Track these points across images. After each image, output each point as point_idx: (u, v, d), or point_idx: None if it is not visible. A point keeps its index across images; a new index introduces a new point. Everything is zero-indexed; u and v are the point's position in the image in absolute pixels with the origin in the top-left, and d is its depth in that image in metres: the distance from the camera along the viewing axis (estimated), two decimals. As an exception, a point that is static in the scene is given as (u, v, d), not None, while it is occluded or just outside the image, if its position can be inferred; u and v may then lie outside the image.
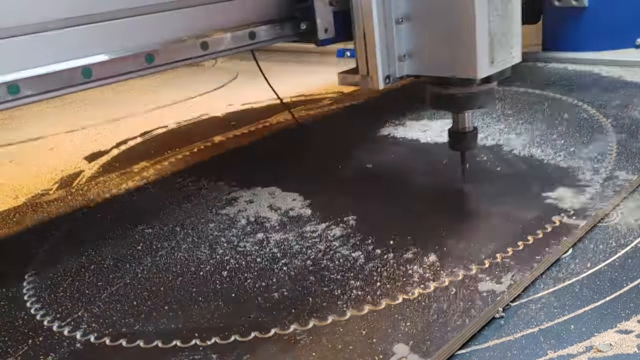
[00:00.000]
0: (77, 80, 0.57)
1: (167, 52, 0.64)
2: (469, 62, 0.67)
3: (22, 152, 1.23)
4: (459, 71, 0.68)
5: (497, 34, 0.67)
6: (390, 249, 0.65)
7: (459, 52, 0.67)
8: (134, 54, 0.61)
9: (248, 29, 0.74)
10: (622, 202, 0.73)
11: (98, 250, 0.73)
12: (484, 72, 0.67)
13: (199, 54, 0.68)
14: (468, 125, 0.77)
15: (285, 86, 1.56)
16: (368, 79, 0.71)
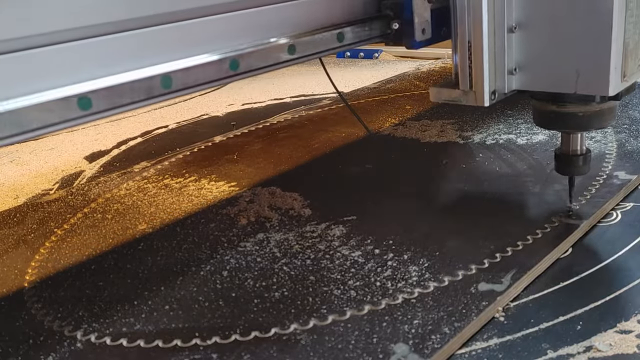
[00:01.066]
0: (156, 91, 0.47)
1: (252, 58, 0.55)
2: (599, 77, 0.57)
3: (22, 152, 1.23)
4: (583, 87, 0.58)
5: (629, 44, 0.57)
6: (390, 249, 0.65)
7: (586, 66, 0.57)
8: (218, 60, 0.51)
9: (336, 30, 0.63)
10: (622, 202, 0.73)
11: (98, 250, 0.73)
12: (615, 89, 0.58)
13: (286, 59, 0.59)
14: (581, 147, 0.68)
15: (285, 86, 1.56)
16: (470, 94, 0.61)
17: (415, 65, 1.60)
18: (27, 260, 0.72)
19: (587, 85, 0.58)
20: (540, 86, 0.61)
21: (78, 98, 0.43)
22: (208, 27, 0.51)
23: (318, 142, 1.04)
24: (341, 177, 0.87)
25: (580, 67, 0.58)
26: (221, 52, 0.51)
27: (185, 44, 0.49)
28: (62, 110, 0.42)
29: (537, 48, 0.60)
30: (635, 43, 0.58)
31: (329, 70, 1.70)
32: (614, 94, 0.58)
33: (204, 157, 1.03)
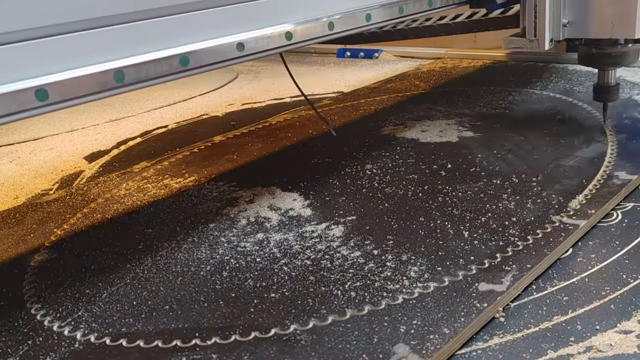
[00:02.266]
0: (110, 84, 0.51)
1: (202, 54, 0.57)
2: (628, 25, 0.84)
3: (22, 152, 1.23)
4: (616, 33, 0.85)
5: None
6: (389, 249, 0.65)
7: (619, 18, 0.84)
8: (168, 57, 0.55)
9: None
10: (622, 202, 0.73)
11: (98, 250, 0.73)
12: (639, 34, 0.84)
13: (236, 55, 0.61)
14: (613, 81, 0.92)
15: (285, 86, 1.56)
16: (535, 42, 0.87)
17: (416, 65, 1.60)
18: (27, 260, 0.72)
19: (619, 32, 0.85)
20: (585, 34, 0.88)
21: (35, 90, 0.47)
22: (159, 26, 0.55)
23: (318, 142, 1.04)
24: (341, 177, 0.87)
25: (614, 19, 0.85)
26: (171, 49, 0.55)
27: (137, 42, 0.54)
28: (21, 101, 0.47)
29: (583, 7, 0.86)
30: None
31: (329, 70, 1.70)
32: (639, 37, 0.85)
33: (204, 157, 1.03)
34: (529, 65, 1.44)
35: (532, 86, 1.24)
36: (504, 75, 1.37)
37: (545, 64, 1.43)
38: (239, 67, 1.89)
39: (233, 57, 0.60)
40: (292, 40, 0.67)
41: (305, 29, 0.68)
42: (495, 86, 1.29)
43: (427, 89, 1.32)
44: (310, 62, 1.86)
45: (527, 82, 1.28)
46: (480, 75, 1.39)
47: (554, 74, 1.32)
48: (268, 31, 0.64)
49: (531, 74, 1.35)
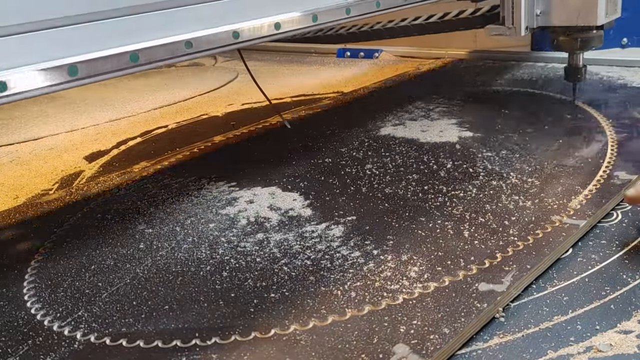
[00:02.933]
0: (64, 78, 0.57)
1: (151, 52, 0.64)
2: (592, 14, 0.99)
3: (22, 152, 1.23)
4: (581, 21, 1.00)
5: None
6: (389, 249, 0.65)
7: (585, 8, 1.00)
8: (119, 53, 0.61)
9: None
10: (622, 202, 0.73)
11: (98, 250, 0.73)
12: (602, 21, 0.99)
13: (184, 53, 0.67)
14: (581, 63, 1.07)
15: (286, 86, 1.56)
16: (512, 29, 1.04)
17: (416, 65, 1.60)
18: (27, 260, 0.72)
19: (584, 20, 1.01)
20: (555, 22, 1.04)
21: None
22: (111, 26, 0.61)
23: (318, 142, 1.04)
24: (341, 177, 0.87)
25: (580, 9, 1.00)
26: (122, 46, 0.61)
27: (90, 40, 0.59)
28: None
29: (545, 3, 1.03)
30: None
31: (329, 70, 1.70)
32: (601, 24, 1.00)
33: (204, 157, 1.03)
34: (529, 65, 1.44)
35: (534, 86, 1.24)
36: (504, 75, 1.37)
37: (545, 64, 1.43)
38: (239, 67, 1.89)
39: (182, 54, 0.66)
40: (240, 39, 0.72)
41: (252, 29, 0.74)
42: (495, 86, 1.29)
43: (427, 88, 1.32)
44: (310, 62, 1.86)
45: (529, 82, 1.28)
46: (481, 76, 1.39)
47: (553, 74, 1.32)
48: (217, 30, 0.69)
49: (532, 74, 1.35)
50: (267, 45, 2.23)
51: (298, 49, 2.08)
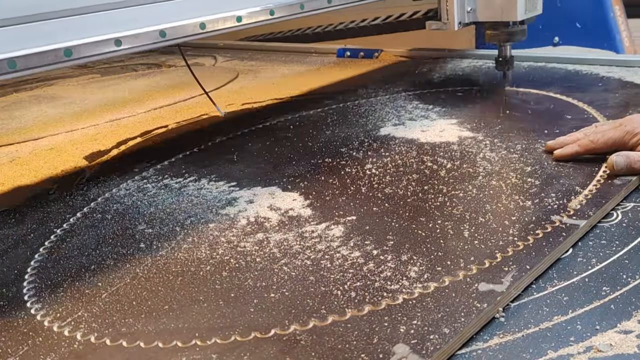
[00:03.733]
0: (4, 69, 0.66)
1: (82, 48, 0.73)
2: (513, 10, 1.15)
3: (22, 152, 1.23)
4: (505, 17, 1.17)
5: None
6: (389, 249, 0.65)
7: (507, 5, 1.16)
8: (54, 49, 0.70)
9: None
10: (622, 202, 0.73)
11: (98, 250, 0.73)
12: (522, 17, 1.16)
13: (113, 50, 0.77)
14: (509, 54, 1.24)
15: (286, 86, 1.56)
16: (448, 24, 1.21)
17: (416, 64, 1.60)
18: (27, 260, 0.72)
19: (507, 15, 1.17)
20: (484, 18, 1.21)
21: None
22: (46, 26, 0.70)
23: (318, 142, 1.04)
24: (341, 177, 0.87)
25: (503, 7, 1.17)
26: (57, 43, 0.70)
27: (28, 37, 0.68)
28: None
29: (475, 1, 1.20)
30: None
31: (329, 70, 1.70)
32: (522, 19, 1.17)
33: (204, 157, 1.03)
34: (530, 65, 1.44)
35: (535, 86, 1.24)
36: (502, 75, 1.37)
37: (545, 63, 1.43)
38: (239, 67, 1.89)
39: (111, 50, 0.76)
40: (166, 37, 0.82)
41: (177, 28, 0.83)
42: (495, 86, 1.29)
43: (427, 89, 1.32)
44: (310, 62, 1.86)
45: (530, 82, 1.29)
46: (481, 76, 1.39)
47: (553, 74, 1.32)
48: (142, 30, 0.78)
49: (534, 75, 1.35)
50: (267, 45, 2.23)
51: (298, 49, 2.08)
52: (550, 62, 1.43)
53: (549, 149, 0.86)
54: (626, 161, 0.76)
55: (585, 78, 1.27)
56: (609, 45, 1.53)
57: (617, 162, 0.76)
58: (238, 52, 2.20)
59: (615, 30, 1.53)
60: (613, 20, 1.53)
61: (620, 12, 1.55)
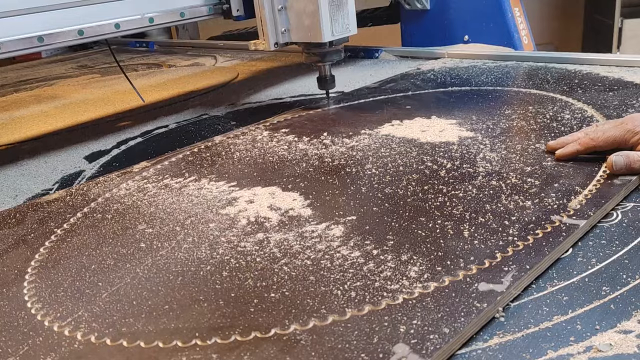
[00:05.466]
0: None
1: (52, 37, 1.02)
2: (318, 33, 1.15)
3: (22, 152, 1.23)
4: (312, 38, 1.17)
5: (335, 15, 1.16)
6: (389, 249, 0.65)
7: (313, 28, 1.15)
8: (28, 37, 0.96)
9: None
10: (622, 202, 0.73)
11: (98, 250, 0.73)
12: (328, 39, 1.16)
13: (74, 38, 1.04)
14: (328, 73, 1.27)
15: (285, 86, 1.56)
16: (265, 43, 1.20)
17: (416, 65, 1.60)
18: (27, 260, 0.72)
19: (314, 37, 1.17)
20: (296, 39, 1.21)
21: None
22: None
23: (318, 142, 1.04)
24: (341, 177, 0.87)
25: (311, 29, 1.16)
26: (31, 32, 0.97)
27: None
28: None
29: (292, 20, 1.19)
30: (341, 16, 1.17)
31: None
32: (328, 41, 1.17)
33: (204, 157, 1.03)
34: (530, 65, 1.44)
35: (535, 86, 1.24)
36: (503, 75, 1.38)
37: (545, 64, 1.43)
38: (239, 67, 1.89)
39: (74, 38, 1.03)
40: (120, 29, 1.12)
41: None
42: (495, 86, 1.29)
43: (427, 89, 1.32)
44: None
45: (530, 82, 1.29)
46: (482, 76, 1.39)
47: (553, 74, 1.32)
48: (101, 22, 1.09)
49: (534, 74, 1.35)
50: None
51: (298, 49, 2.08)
52: (550, 62, 1.43)
53: (550, 149, 0.86)
54: (625, 161, 0.76)
55: (585, 78, 1.27)
56: (508, 43, 1.68)
57: (616, 161, 0.76)
58: (238, 52, 2.20)
59: (513, 30, 1.68)
60: (512, 20, 1.68)
61: (520, 12, 1.70)
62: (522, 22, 1.69)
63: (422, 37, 1.82)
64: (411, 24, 1.86)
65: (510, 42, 1.67)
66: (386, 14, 1.97)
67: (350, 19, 1.18)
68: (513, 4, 1.69)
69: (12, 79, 2.16)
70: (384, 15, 1.98)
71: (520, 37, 1.68)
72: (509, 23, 1.68)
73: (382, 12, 1.99)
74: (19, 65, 2.49)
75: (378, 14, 2.00)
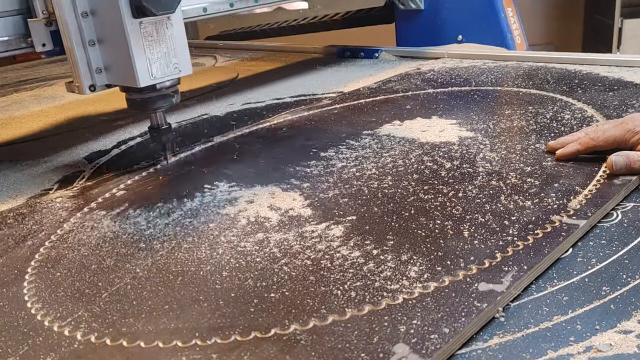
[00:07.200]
0: None
1: None
2: (132, 76, 0.88)
3: (22, 152, 1.23)
4: (127, 82, 0.90)
5: (154, 53, 0.89)
6: (389, 249, 0.65)
7: (126, 70, 0.88)
8: None
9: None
10: (622, 202, 0.73)
11: (98, 250, 0.73)
12: (146, 83, 0.89)
13: None
14: (160, 122, 0.98)
15: (285, 86, 1.56)
16: (80, 86, 0.91)
17: (416, 65, 1.60)
18: (27, 260, 0.72)
19: (129, 82, 0.90)
20: (116, 82, 0.92)
21: None
22: None
23: (318, 142, 1.04)
24: (341, 177, 0.87)
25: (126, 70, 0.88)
26: None
27: None
28: None
29: (107, 57, 0.91)
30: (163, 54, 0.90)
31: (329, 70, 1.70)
32: (144, 86, 0.89)
33: (204, 157, 1.03)
34: (530, 65, 1.44)
35: (535, 86, 1.24)
36: (503, 75, 1.38)
37: (545, 64, 1.43)
38: (239, 67, 1.89)
39: None
40: None
41: None
42: (495, 86, 1.29)
43: (427, 89, 1.32)
44: (310, 61, 1.86)
45: (530, 82, 1.29)
46: (482, 76, 1.39)
47: (553, 74, 1.32)
48: None
49: (534, 74, 1.35)
50: (267, 45, 2.23)
51: (298, 48, 2.08)
52: (550, 62, 1.43)
53: (551, 149, 0.86)
54: (625, 161, 0.76)
55: (585, 78, 1.27)
56: (501, 43, 1.68)
57: (616, 161, 0.76)
58: (238, 52, 2.20)
59: (506, 30, 1.68)
60: (504, 20, 1.68)
61: (513, 12, 1.70)
62: (515, 22, 1.71)
63: (416, 36, 1.82)
64: (405, 24, 1.87)
65: (503, 41, 1.68)
66: (381, 13, 1.98)
67: (180, 56, 0.92)
68: (506, 4, 1.70)
69: (12, 79, 2.16)
70: (378, 15, 1.99)
71: (513, 36, 1.69)
72: (502, 23, 1.68)
73: (377, 12, 1.99)
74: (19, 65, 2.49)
75: (373, 14, 2.01)
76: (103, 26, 0.88)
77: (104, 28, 0.88)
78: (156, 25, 0.88)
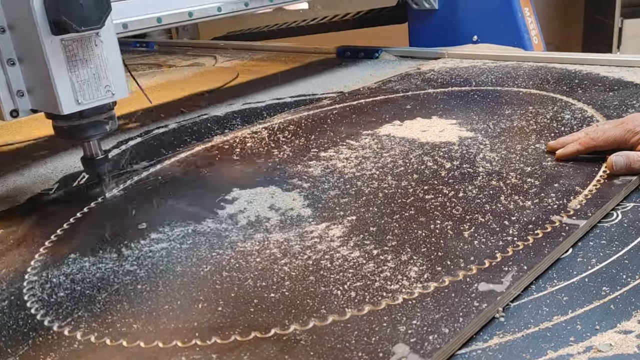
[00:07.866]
0: None
1: None
2: (54, 101, 0.76)
3: (22, 152, 1.23)
4: (50, 109, 0.78)
5: (80, 75, 0.77)
6: (389, 249, 0.65)
7: (50, 94, 0.76)
8: None
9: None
10: (622, 202, 0.73)
11: (98, 250, 0.73)
12: (71, 109, 0.78)
13: None
14: (95, 152, 0.87)
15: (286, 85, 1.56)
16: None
17: (416, 65, 1.60)
18: (27, 260, 0.72)
19: (52, 108, 0.78)
20: (40, 107, 0.80)
21: None
22: None
23: (318, 142, 1.04)
24: (342, 177, 0.87)
25: (49, 94, 0.77)
26: None
27: None
28: None
29: (28, 78, 0.78)
30: (93, 76, 0.78)
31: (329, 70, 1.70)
32: (69, 113, 0.78)
33: (204, 157, 1.03)
34: (530, 65, 1.44)
35: (535, 86, 1.24)
36: (503, 75, 1.38)
37: (545, 64, 1.43)
38: (239, 67, 1.89)
39: None
40: None
41: None
42: (495, 86, 1.29)
43: (427, 89, 1.32)
44: (310, 61, 1.86)
45: (530, 82, 1.29)
46: (482, 76, 1.39)
47: (553, 74, 1.32)
48: None
49: (534, 75, 1.35)
50: (267, 45, 2.23)
51: (298, 49, 2.08)
52: (550, 62, 1.43)
53: (551, 149, 0.86)
54: (625, 161, 0.76)
55: (586, 78, 1.27)
56: (518, 43, 1.65)
57: (616, 162, 0.76)
58: (238, 52, 2.20)
59: (523, 30, 1.65)
60: (522, 20, 1.65)
61: (530, 12, 1.67)
62: (532, 22, 1.67)
63: (429, 37, 1.78)
64: (419, 24, 1.83)
65: (520, 42, 1.64)
66: (393, 13, 1.95)
67: (113, 77, 0.80)
68: (523, 3, 1.66)
69: None
70: (391, 15, 1.97)
71: (530, 37, 1.65)
72: (519, 23, 1.64)
73: (389, 12, 1.97)
74: None
75: (385, 14, 1.99)
76: (22, 43, 0.76)
77: (23, 45, 0.76)
78: (82, 42, 0.76)
